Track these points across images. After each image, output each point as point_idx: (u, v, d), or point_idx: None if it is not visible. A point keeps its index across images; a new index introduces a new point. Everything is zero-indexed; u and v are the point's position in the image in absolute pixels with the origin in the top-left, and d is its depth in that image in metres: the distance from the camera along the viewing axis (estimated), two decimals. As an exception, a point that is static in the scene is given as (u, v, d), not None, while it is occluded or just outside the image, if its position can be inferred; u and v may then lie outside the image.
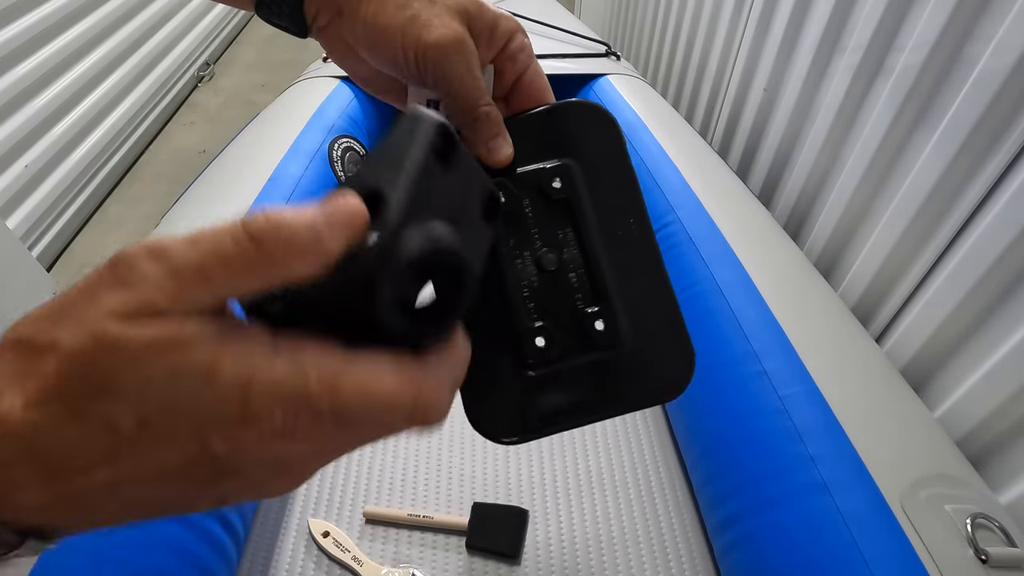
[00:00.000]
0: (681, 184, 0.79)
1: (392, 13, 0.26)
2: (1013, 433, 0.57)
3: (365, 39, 0.27)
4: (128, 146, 1.86)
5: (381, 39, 0.27)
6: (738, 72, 1.10)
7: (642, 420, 0.74)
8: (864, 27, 0.75)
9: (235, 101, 2.24)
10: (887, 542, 0.45)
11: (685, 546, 0.62)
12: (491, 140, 0.26)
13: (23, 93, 1.45)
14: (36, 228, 1.47)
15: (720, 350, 0.63)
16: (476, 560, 0.60)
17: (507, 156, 0.27)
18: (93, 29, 1.71)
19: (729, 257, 0.69)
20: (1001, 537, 0.46)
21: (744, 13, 1.06)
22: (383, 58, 0.28)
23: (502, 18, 0.28)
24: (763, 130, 1.04)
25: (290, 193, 0.78)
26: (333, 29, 0.29)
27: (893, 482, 0.48)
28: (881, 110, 0.73)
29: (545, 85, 0.29)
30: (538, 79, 0.28)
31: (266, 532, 0.61)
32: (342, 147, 0.92)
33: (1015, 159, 0.57)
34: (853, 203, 0.80)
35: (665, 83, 1.48)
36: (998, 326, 0.59)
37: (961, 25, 0.62)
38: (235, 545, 0.55)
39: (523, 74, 0.28)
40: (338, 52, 0.30)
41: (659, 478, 0.68)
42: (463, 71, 0.26)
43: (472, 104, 0.26)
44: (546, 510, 0.64)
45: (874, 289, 0.76)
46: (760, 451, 0.55)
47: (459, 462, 0.68)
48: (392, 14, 0.26)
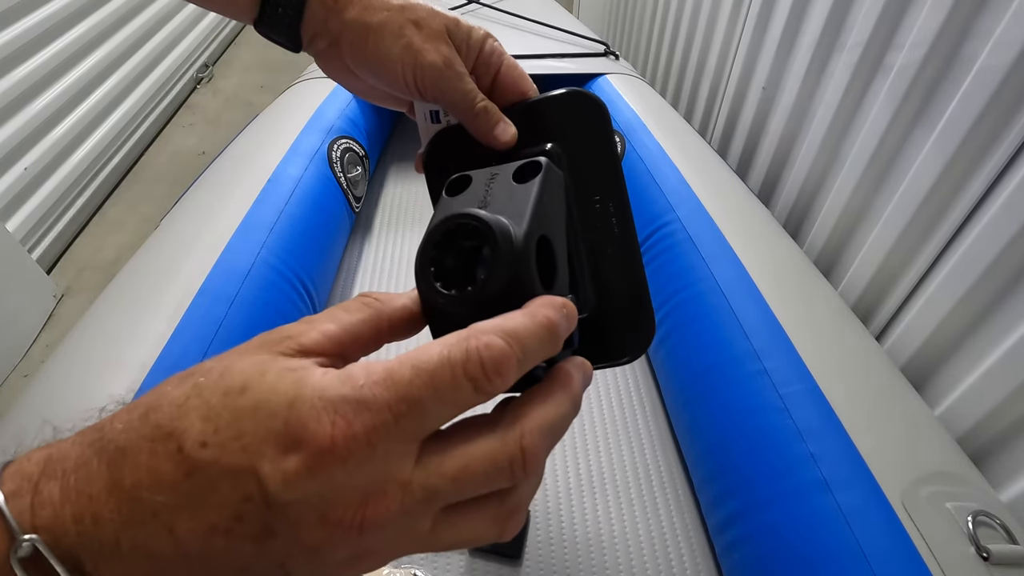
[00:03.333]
0: (680, 183, 0.79)
1: (390, 43, 0.31)
2: (1014, 430, 0.57)
3: (367, 66, 0.32)
4: (127, 148, 1.86)
5: (382, 66, 0.31)
6: (737, 71, 1.10)
7: (643, 419, 0.74)
8: (862, 25, 0.75)
9: (234, 102, 2.24)
10: (888, 540, 0.45)
11: (687, 545, 0.62)
12: (495, 128, 0.31)
13: (22, 95, 1.45)
14: (36, 230, 1.47)
15: (720, 349, 0.63)
16: (478, 560, 0.60)
17: (512, 136, 0.31)
18: (92, 31, 1.71)
19: (729, 256, 0.68)
20: (1002, 534, 0.46)
21: (743, 12, 1.06)
22: (384, 80, 0.32)
23: (474, 30, 0.32)
24: (762, 129, 1.04)
25: (290, 194, 0.78)
26: (331, 53, 0.33)
27: (894, 480, 0.48)
28: (880, 108, 0.73)
29: (521, 74, 0.33)
30: (512, 71, 0.33)
31: (267, 533, 0.61)
32: (341, 148, 0.92)
33: (1014, 156, 0.57)
34: (853, 201, 0.80)
35: (664, 82, 1.48)
36: (999, 323, 0.59)
37: (959, 23, 0.62)
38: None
39: (499, 70, 0.32)
40: (335, 71, 0.34)
41: (660, 477, 0.68)
42: (456, 82, 0.31)
43: (470, 105, 0.31)
44: (547, 509, 0.64)
45: (874, 287, 0.76)
46: (761, 450, 0.55)
47: (460, 462, 0.68)
48: (390, 44, 0.31)
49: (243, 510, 0.16)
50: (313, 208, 0.81)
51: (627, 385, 0.78)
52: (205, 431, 0.16)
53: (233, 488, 0.16)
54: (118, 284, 0.66)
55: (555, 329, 0.19)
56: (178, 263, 0.65)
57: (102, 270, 1.52)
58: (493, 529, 0.19)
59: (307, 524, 0.16)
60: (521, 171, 0.24)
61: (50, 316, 1.40)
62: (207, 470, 0.16)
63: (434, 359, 0.17)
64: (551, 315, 0.19)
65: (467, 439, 0.18)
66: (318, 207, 0.82)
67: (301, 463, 0.16)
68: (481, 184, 0.24)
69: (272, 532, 0.16)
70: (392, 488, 0.17)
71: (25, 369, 1.29)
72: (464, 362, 0.17)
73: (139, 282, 0.65)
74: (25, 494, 0.17)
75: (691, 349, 0.67)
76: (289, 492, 0.16)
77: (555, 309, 0.19)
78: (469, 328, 0.18)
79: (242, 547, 0.16)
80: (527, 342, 0.18)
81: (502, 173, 0.24)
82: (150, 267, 0.67)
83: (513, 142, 0.31)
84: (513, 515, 0.19)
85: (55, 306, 1.43)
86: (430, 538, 0.18)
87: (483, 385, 0.17)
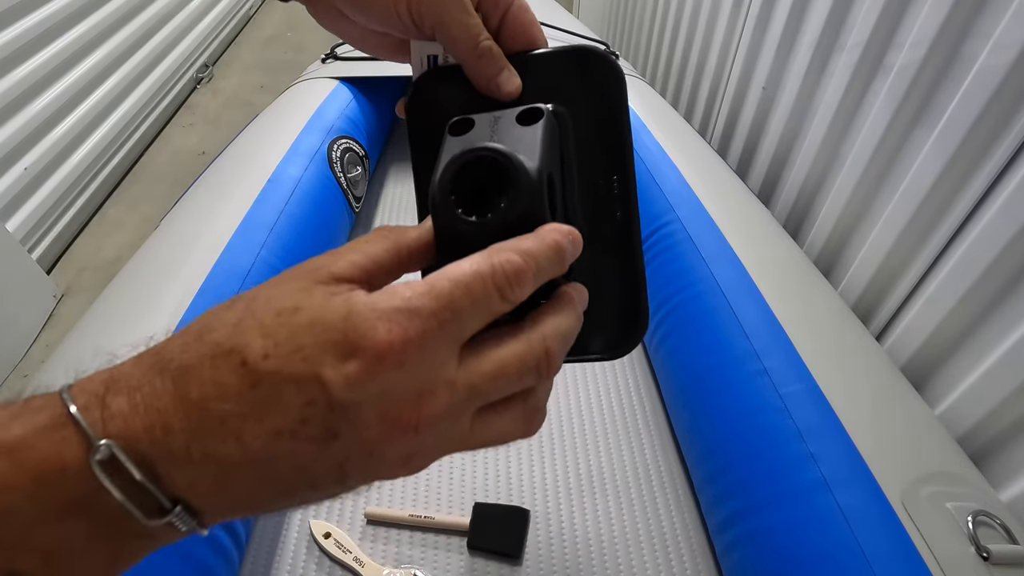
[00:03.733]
0: (680, 183, 0.79)
1: None
2: (1014, 430, 0.57)
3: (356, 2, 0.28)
4: (127, 148, 1.86)
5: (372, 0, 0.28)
6: (737, 71, 1.11)
7: (643, 419, 0.74)
8: (862, 25, 0.75)
9: (234, 102, 2.24)
10: (888, 540, 0.45)
11: (687, 545, 0.62)
12: (498, 75, 0.27)
13: (22, 95, 1.45)
14: (36, 230, 1.47)
15: (720, 349, 0.63)
16: (478, 560, 0.60)
17: (516, 87, 0.27)
18: (92, 31, 1.71)
19: (729, 256, 0.68)
20: (1002, 534, 0.46)
21: (743, 11, 1.06)
22: (376, 17, 0.28)
23: None
24: (762, 128, 1.04)
25: (290, 194, 0.78)
26: None
27: (894, 480, 0.48)
28: (880, 108, 0.73)
29: (532, 19, 0.29)
30: (523, 14, 0.29)
31: (267, 534, 0.61)
32: (341, 148, 0.92)
33: (1014, 156, 0.57)
34: (852, 201, 0.80)
35: (664, 82, 1.48)
36: (999, 323, 0.59)
37: (959, 22, 0.62)
38: (236, 547, 0.55)
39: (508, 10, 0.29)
40: (327, 18, 0.31)
41: (660, 477, 0.68)
42: (458, 12, 0.27)
43: (472, 42, 0.27)
44: (547, 510, 0.64)
45: (874, 287, 0.76)
46: (761, 450, 0.55)
47: (460, 462, 0.68)
48: None
49: (307, 414, 0.17)
50: (313, 208, 0.81)
51: (627, 385, 0.78)
52: (266, 346, 0.17)
53: (297, 393, 0.17)
54: (118, 284, 0.66)
55: (563, 251, 0.21)
56: (178, 263, 0.65)
57: (102, 270, 1.52)
58: (521, 426, 0.22)
59: (367, 424, 0.18)
60: (524, 116, 0.24)
61: (50, 316, 1.40)
62: (271, 379, 0.17)
63: (468, 273, 0.19)
64: (559, 239, 0.21)
65: (499, 344, 0.20)
66: (318, 207, 0.82)
67: (361, 367, 0.17)
68: (485, 126, 0.24)
69: (335, 433, 0.18)
70: (441, 388, 0.19)
71: (25, 369, 1.29)
72: (492, 274, 0.19)
73: (139, 282, 0.65)
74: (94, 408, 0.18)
75: (691, 349, 0.67)
76: (351, 394, 0.17)
77: (562, 234, 0.21)
78: (489, 248, 0.20)
79: (306, 449, 0.18)
80: (540, 260, 0.20)
81: (505, 116, 0.24)
82: (150, 267, 0.67)
83: (516, 94, 0.27)
84: (537, 412, 0.22)
85: (55, 306, 1.43)
86: (468, 437, 0.20)
87: (507, 294, 0.19)
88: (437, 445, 0.20)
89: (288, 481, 0.19)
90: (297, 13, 2.72)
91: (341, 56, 1.09)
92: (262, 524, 0.62)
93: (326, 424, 0.18)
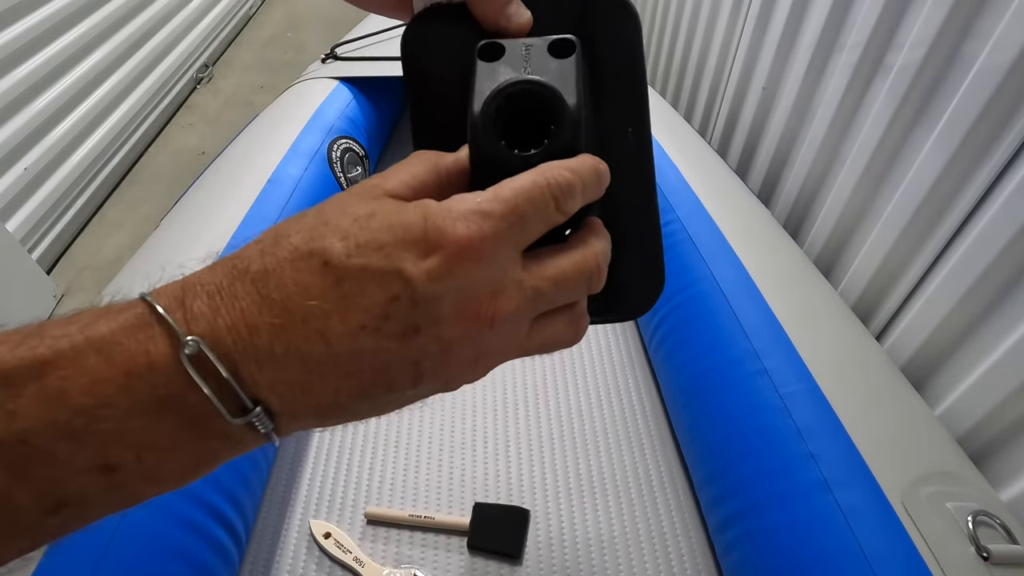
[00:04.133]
0: (680, 183, 0.79)
1: None
2: (1014, 430, 0.57)
3: None
4: (127, 148, 1.86)
5: None
6: (736, 71, 1.10)
7: (643, 419, 0.74)
8: (862, 25, 0.75)
9: (234, 102, 2.24)
10: (888, 540, 0.45)
11: (687, 545, 0.62)
12: (507, 7, 0.26)
13: (22, 96, 1.45)
14: (36, 231, 1.47)
15: (720, 349, 0.63)
16: (478, 560, 0.60)
17: (527, 20, 0.26)
18: (92, 31, 1.71)
19: (729, 256, 0.69)
20: (1003, 534, 0.46)
21: (742, 11, 1.06)
22: None
23: None
24: (762, 128, 1.04)
25: (290, 194, 0.78)
26: None
27: (894, 480, 0.48)
28: (880, 108, 0.73)
29: None
30: None
31: (267, 533, 0.61)
32: (341, 148, 0.92)
33: (1014, 156, 0.57)
34: (852, 201, 0.80)
35: (663, 82, 1.48)
36: (999, 323, 0.59)
37: (959, 22, 0.62)
38: (236, 547, 0.55)
39: None
40: None
41: (660, 477, 0.68)
42: None
43: None
44: (547, 510, 0.64)
45: (874, 287, 0.76)
46: (761, 449, 0.55)
47: (460, 462, 0.68)
48: None
49: (390, 309, 0.18)
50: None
51: (627, 385, 0.78)
52: (347, 246, 0.18)
53: (381, 289, 0.18)
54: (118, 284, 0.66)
55: (601, 174, 0.22)
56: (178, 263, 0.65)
57: (102, 270, 1.52)
58: (570, 330, 0.23)
59: (447, 319, 0.19)
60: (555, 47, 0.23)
61: (50, 316, 1.40)
62: (355, 276, 0.18)
63: (528, 183, 0.20)
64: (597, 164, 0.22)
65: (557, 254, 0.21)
66: (318, 207, 0.82)
67: (442, 262, 0.18)
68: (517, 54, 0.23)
69: (416, 328, 0.18)
70: (511, 286, 0.20)
71: (25, 369, 1.29)
72: (548, 185, 0.20)
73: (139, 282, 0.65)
74: (176, 309, 0.18)
75: (691, 349, 0.67)
76: (433, 287, 0.18)
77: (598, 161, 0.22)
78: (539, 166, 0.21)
79: (387, 344, 0.18)
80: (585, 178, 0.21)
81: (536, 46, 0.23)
82: (150, 267, 0.67)
83: (527, 28, 0.25)
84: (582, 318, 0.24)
85: (55, 306, 1.43)
86: (527, 342, 0.22)
87: (562, 205, 0.20)
88: (503, 346, 0.21)
89: (367, 381, 0.19)
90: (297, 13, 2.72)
91: (341, 56, 1.09)
92: (262, 524, 0.62)
93: (408, 319, 0.18)
